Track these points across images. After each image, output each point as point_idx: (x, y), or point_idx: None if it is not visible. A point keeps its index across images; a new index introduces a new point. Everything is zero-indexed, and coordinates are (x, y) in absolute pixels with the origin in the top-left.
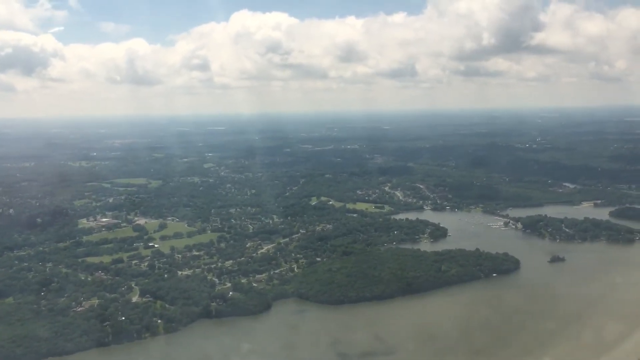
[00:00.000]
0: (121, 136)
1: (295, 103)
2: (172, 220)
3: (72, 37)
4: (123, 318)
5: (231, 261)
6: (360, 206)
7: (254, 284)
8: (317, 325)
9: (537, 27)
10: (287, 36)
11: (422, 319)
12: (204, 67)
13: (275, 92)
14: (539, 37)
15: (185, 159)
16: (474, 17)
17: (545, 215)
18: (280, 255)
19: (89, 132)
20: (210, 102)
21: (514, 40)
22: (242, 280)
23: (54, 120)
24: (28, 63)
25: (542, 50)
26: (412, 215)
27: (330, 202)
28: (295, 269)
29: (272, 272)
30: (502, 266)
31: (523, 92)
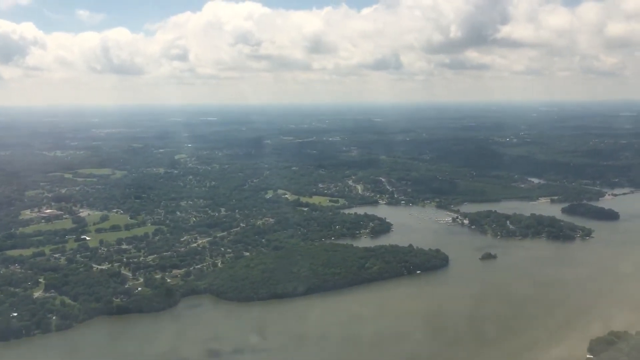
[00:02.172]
0: (111, 125)
1: (293, 94)
2: (117, 212)
3: (51, 25)
4: (15, 314)
5: (155, 255)
6: (316, 200)
7: (169, 280)
8: (208, 323)
9: (505, 20)
10: (271, 27)
11: (317, 318)
12: (195, 56)
13: (270, 84)
14: (505, 30)
15: (162, 150)
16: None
17: (495, 211)
18: (208, 249)
19: (82, 120)
20: (205, 92)
21: (480, 33)
22: (157, 276)
23: (49, 108)
24: (7, 51)
25: (509, 43)
26: (365, 210)
27: (286, 195)
28: (219, 264)
29: (193, 267)
30: (428, 263)
31: (524, 85)
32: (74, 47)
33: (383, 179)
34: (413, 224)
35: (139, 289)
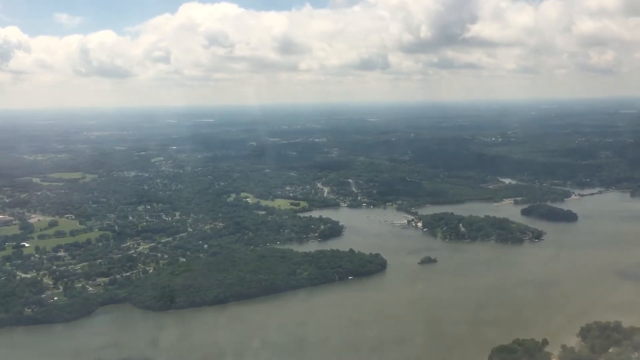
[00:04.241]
0: (103, 128)
1: (294, 95)
2: (68, 217)
3: (35, 29)
4: None
5: (85, 263)
6: (277, 203)
7: (91, 289)
8: (111, 332)
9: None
10: (259, 28)
11: (221, 328)
12: (189, 57)
13: (270, 85)
14: (474, 29)
15: (143, 152)
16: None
17: (452, 213)
18: (144, 256)
19: (78, 123)
20: (204, 94)
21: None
22: (78, 285)
23: (46, 111)
24: None
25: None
26: (325, 213)
27: (247, 199)
28: (151, 271)
29: (120, 275)
30: (364, 268)
31: (525, 84)
32: (59, 50)
33: (351, 181)
34: (366, 227)
35: (55, 298)
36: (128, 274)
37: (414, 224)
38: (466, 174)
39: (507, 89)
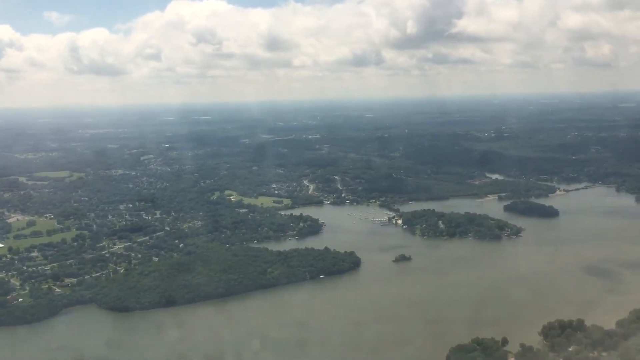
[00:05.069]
0: (101, 126)
1: (294, 92)
2: (48, 217)
3: (27, 28)
4: None
5: (55, 264)
6: (261, 200)
7: (58, 290)
8: (70, 334)
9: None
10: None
11: (179, 330)
12: (184, 55)
13: (270, 81)
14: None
15: (134, 150)
16: None
17: (433, 209)
18: (116, 255)
19: (75, 122)
20: (204, 91)
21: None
22: (45, 286)
23: (46, 109)
24: None
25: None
26: (309, 210)
27: (231, 197)
28: (122, 271)
29: (90, 276)
30: (336, 267)
31: (524, 78)
32: (52, 48)
33: (338, 178)
34: (346, 225)
35: (20, 299)
36: (98, 274)
37: (394, 221)
38: (454, 170)
39: (507, 83)
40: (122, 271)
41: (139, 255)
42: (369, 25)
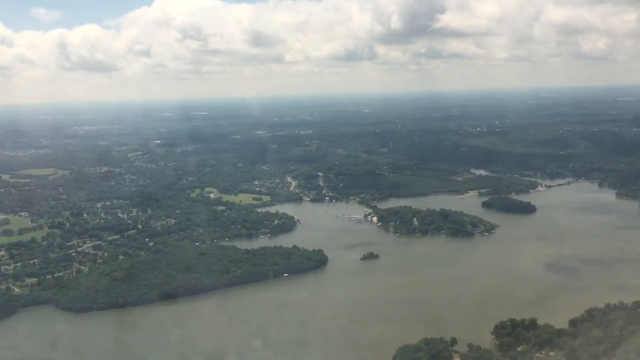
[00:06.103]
0: (97, 123)
1: (294, 87)
2: (22, 216)
3: (18, 24)
4: None
5: (19, 263)
6: (240, 198)
7: (17, 290)
8: (18, 336)
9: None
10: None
11: (129, 331)
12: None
13: (270, 76)
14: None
15: (124, 147)
16: None
17: (410, 206)
18: (84, 254)
19: (72, 118)
20: (202, 87)
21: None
22: (3, 286)
23: (44, 106)
24: None
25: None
26: (288, 207)
27: (211, 194)
28: (85, 271)
29: (52, 275)
30: (302, 265)
31: (524, 72)
32: (43, 44)
33: (320, 174)
34: (321, 222)
35: None
36: (61, 274)
37: (370, 219)
38: (439, 166)
39: (508, 77)
40: (85, 270)
41: (106, 254)
42: (354, 20)
